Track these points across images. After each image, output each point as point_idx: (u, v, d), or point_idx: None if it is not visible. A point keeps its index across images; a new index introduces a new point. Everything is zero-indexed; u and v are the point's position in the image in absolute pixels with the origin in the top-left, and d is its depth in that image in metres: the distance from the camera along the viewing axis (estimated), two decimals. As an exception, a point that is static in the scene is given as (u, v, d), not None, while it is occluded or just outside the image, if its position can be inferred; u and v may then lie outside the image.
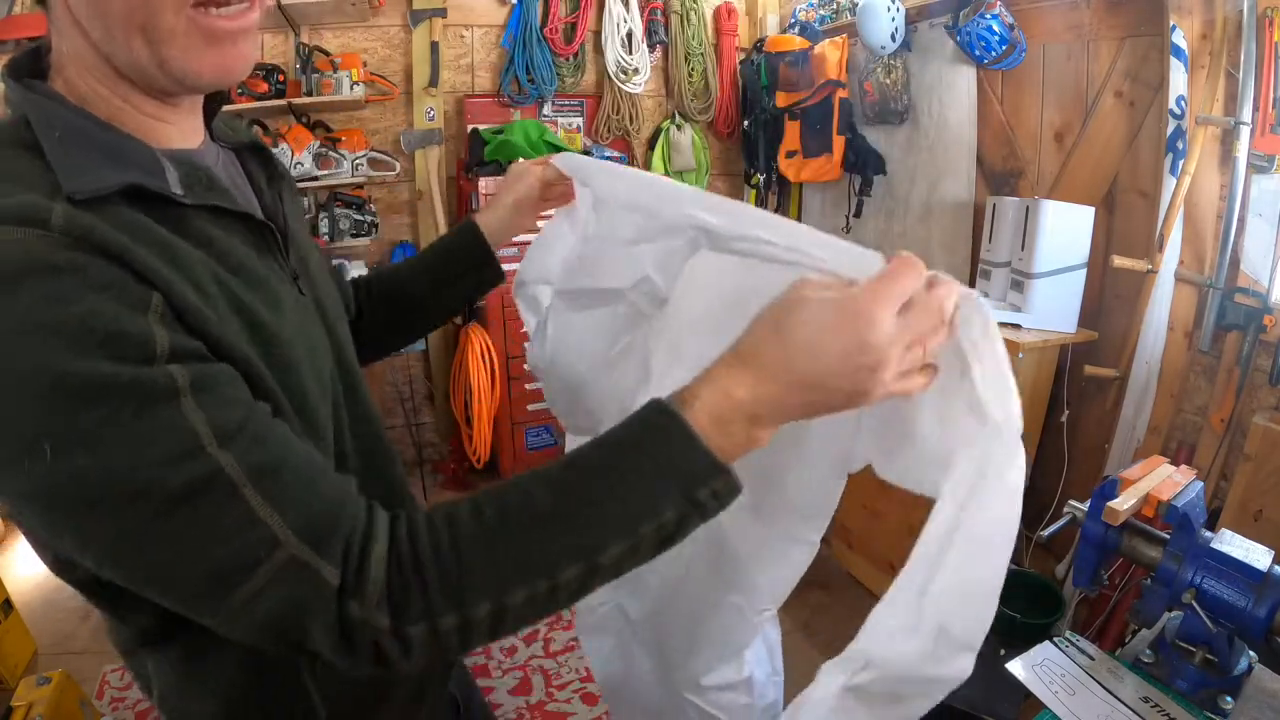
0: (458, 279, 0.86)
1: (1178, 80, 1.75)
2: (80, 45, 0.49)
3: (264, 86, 2.54)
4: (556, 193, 0.83)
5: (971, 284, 2.31)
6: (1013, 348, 1.87)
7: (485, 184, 2.69)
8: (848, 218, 2.86)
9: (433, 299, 0.87)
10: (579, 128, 3.10)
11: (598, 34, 3.00)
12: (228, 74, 0.51)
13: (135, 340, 0.41)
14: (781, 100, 2.86)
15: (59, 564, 0.52)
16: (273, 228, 0.58)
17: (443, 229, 2.93)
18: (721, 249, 0.59)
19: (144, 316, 0.41)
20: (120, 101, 0.50)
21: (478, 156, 2.80)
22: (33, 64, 0.52)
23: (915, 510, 0.48)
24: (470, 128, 2.91)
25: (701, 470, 0.44)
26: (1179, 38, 1.74)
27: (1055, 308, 1.98)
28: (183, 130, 0.55)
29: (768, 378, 0.45)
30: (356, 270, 2.72)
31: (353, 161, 2.72)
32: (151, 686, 0.60)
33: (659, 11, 3.03)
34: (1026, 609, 2.05)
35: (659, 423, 0.45)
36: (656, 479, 0.44)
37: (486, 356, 2.81)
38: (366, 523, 0.44)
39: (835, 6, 2.83)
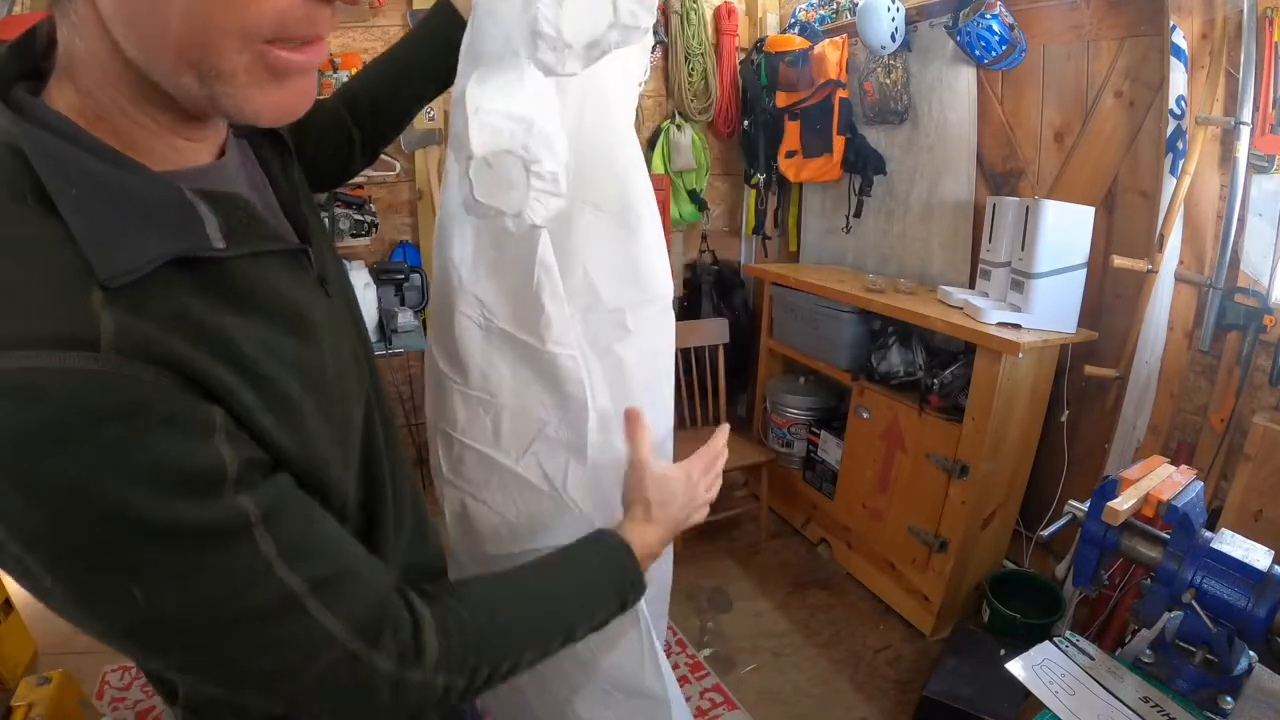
0: (445, 57, 0.84)
1: (1178, 80, 1.75)
2: (104, 53, 0.41)
3: (264, 86, 2.54)
4: None
5: (971, 284, 2.32)
6: (1013, 348, 1.87)
7: (485, 184, 2.68)
8: (848, 218, 2.86)
9: (425, 85, 0.88)
10: (579, 128, 3.10)
11: (598, 34, 3.00)
12: (289, 114, 0.44)
13: (207, 473, 0.41)
14: (781, 100, 2.85)
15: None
16: (307, 250, 0.54)
17: (443, 229, 2.92)
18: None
19: (211, 441, 0.41)
20: (148, 120, 0.44)
21: (478, 156, 2.79)
22: (24, 64, 0.44)
23: (915, 510, 0.48)
24: (470, 128, 2.91)
25: (636, 582, 0.70)
26: (1179, 38, 1.74)
27: (1055, 308, 1.97)
28: (210, 145, 0.50)
29: (663, 532, 0.76)
30: (357, 271, 2.71)
31: (353, 161, 2.72)
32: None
33: (659, 11, 3.03)
34: (1026, 609, 2.06)
35: (616, 555, 0.70)
36: (609, 591, 0.68)
37: (486, 356, 2.80)
38: (409, 610, 0.53)
39: (835, 6, 2.83)
